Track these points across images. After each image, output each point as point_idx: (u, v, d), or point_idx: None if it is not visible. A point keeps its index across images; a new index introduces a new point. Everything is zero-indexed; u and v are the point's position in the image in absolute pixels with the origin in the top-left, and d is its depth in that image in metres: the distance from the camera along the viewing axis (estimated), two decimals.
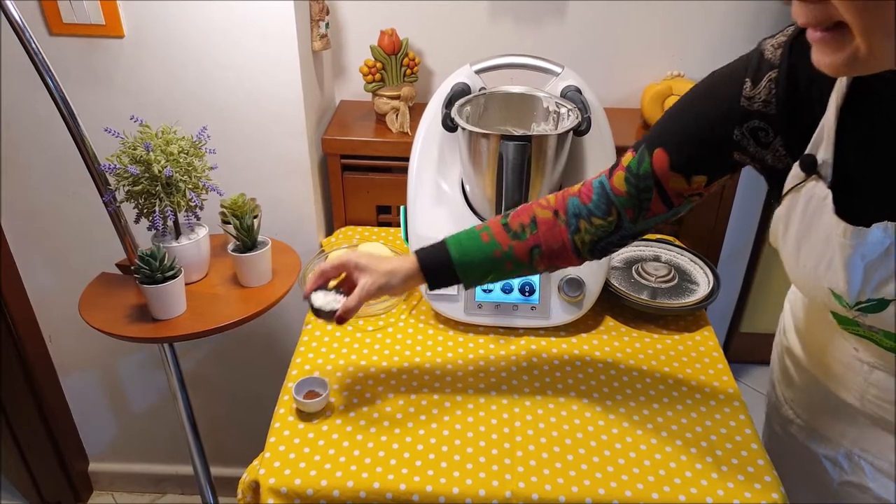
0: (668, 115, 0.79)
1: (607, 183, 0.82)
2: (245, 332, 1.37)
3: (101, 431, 1.76)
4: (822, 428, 0.91)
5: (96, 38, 1.20)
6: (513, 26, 1.45)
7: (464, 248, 0.87)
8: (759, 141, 0.71)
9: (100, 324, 1.07)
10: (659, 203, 0.79)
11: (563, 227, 0.85)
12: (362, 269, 0.89)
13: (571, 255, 0.86)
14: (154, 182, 1.04)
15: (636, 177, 0.78)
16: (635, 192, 0.79)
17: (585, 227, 0.83)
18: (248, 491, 0.91)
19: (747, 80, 0.69)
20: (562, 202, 0.86)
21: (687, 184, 0.77)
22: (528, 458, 0.90)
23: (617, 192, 0.81)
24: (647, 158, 0.78)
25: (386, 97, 1.41)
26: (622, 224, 0.82)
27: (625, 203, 0.80)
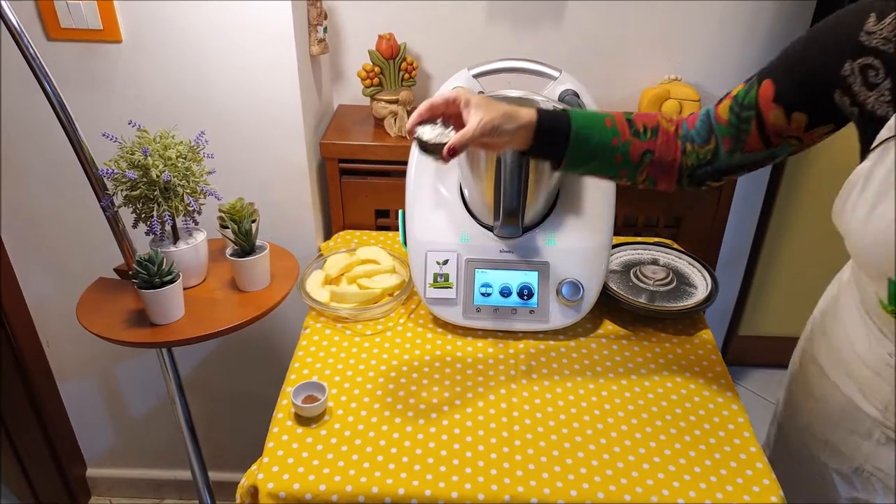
0: (786, 47, 0.78)
1: (713, 111, 0.84)
2: (243, 336, 1.37)
3: (99, 436, 1.76)
4: (837, 441, 0.90)
5: (94, 42, 1.20)
6: (510, 30, 1.45)
7: (586, 123, 0.85)
8: (866, 80, 0.69)
9: (98, 329, 1.07)
10: (757, 138, 0.80)
11: (678, 145, 0.86)
12: (477, 105, 0.82)
13: (674, 175, 0.88)
14: (152, 187, 1.04)
15: (740, 105, 0.80)
16: (736, 122, 0.80)
17: (689, 150, 0.86)
18: (246, 496, 0.91)
19: (872, 15, 0.68)
20: (679, 124, 0.88)
21: (787, 121, 0.77)
22: (527, 462, 0.90)
23: (719, 120, 0.82)
24: (754, 88, 0.78)
25: (384, 101, 1.41)
26: (718, 154, 0.84)
27: (724, 132, 0.82)
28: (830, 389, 0.91)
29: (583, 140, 0.84)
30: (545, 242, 1.14)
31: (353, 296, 1.17)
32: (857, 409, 0.86)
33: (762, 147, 0.80)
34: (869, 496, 0.88)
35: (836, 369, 0.90)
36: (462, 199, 1.17)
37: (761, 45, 1.48)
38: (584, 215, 1.15)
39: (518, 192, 1.02)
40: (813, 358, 0.96)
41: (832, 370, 0.91)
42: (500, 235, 1.13)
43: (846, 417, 0.88)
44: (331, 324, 1.16)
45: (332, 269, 1.24)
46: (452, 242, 1.14)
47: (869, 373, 0.84)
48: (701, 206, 1.44)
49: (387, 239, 1.40)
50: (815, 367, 0.95)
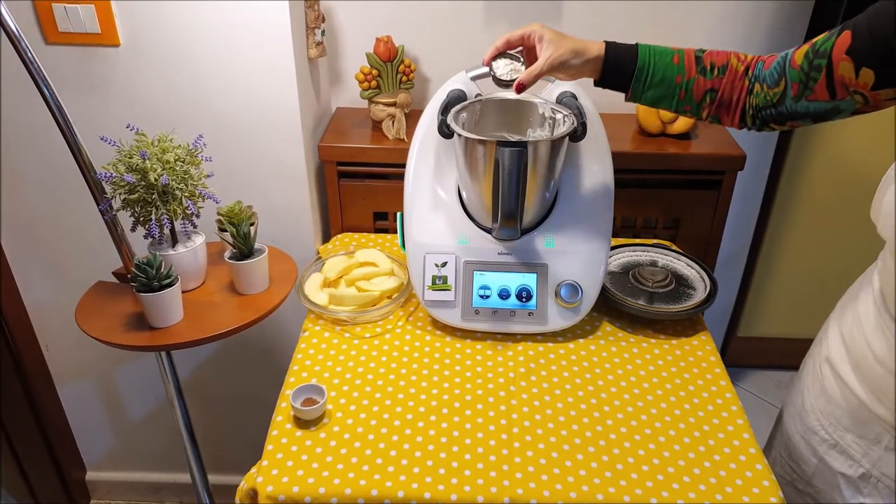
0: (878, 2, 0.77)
1: (790, 55, 0.85)
2: (242, 339, 1.37)
3: (98, 440, 1.75)
4: (846, 445, 0.90)
5: (92, 46, 1.20)
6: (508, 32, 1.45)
7: (652, 59, 0.91)
8: None
9: (97, 332, 1.07)
10: (823, 88, 0.81)
11: (745, 84, 0.89)
12: (549, 42, 0.92)
13: (737, 115, 0.91)
14: (150, 190, 1.04)
15: (815, 53, 0.80)
16: (807, 69, 0.81)
17: (757, 90, 0.88)
18: (245, 499, 0.91)
19: None
20: (754, 63, 0.90)
21: (855, 74, 0.77)
22: (526, 465, 0.90)
23: (793, 64, 0.83)
24: (833, 37, 0.79)
25: (382, 104, 1.41)
26: (785, 98, 0.85)
27: (794, 77, 0.83)
28: (843, 391, 0.90)
29: (647, 76, 0.91)
30: (544, 244, 1.14)
31: (351, 298, 1.17)
32: (869, 412, 0.86)
33: (827, 97, 0.81)
34: (874, 501, 0.87)
35: (850, 370, 0.90)
36: (460, 201, 1.17)
37: (761, 45, 1.48)
38: (582, 217, 1.15)
39: (516, 194, 1.02)
40: (828, 358, 0.95)
41: (846, 371, 0.90)
42: (499, 237, 1.13)
43: (857, 421, 0.88)
44: (329, 326, 1.16)
45: (331, 271, 1.24)
46: (451, 245, 1.14)
47: (884, 372, 0.83)
48: (699, 207, 1.44)
49: (385, 241, 1.40)
50: (829, 368, 0.94)
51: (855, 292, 0.95)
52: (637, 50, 0.92)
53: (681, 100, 0.92)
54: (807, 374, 1.01)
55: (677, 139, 1.44)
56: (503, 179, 1.01)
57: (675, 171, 1.41)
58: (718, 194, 1.42)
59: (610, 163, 1.16)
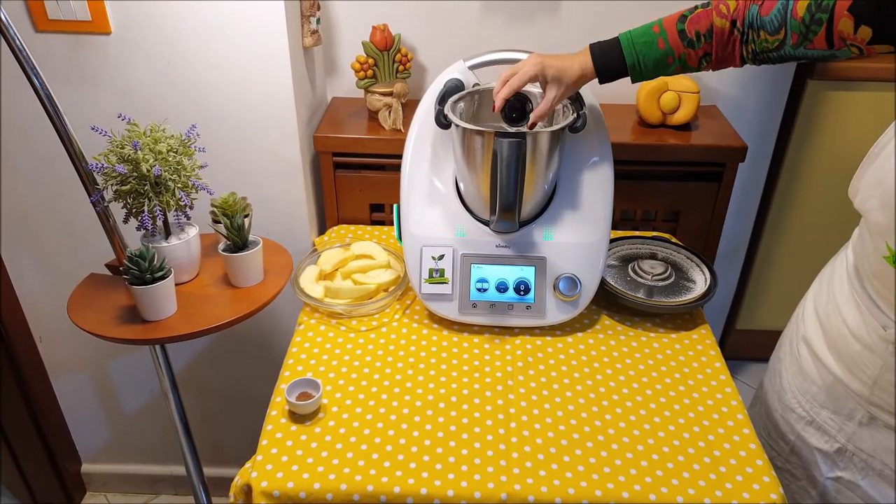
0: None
1: (791, 4, 0.86)
2: (237, 332, 1.36)
3: (93, 432, 1.75)
4: (822, 421, 0.93)
5: (83, 34, 1.18)
6: (506, 21, 1.44)
7: (639, 53, 0.95)
8: None
9: (89, 325, 1.05)
10: (822, 40, 0.83)
11: (736, 37, 0.91)
12: (552, 80, 0.98)
13: (737, 61, 0.94)
14: (142, 181, 1.02)
15: (818, 7, 0.82)
16: (808, 21, 0.83)
17: (753, 37, 0.90)
18: (240, 494, 0.90)
19: None
20: (741, 11, 0.90)
21: (853, 30, 0.80)
22: (524, 460, 0.89)
23: (794, 14, 0.85)
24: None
25: (378, 94, 1.39)
26: (784, 45, 0.87)
27: (795, 27, 0.85)
28: (819, 368, 0.94)
29: (640, 67, 0.96)
30: (542, 237, 1.12)
31: (347, 291, 1.16)
32: (844, 388, 0.89)
33: (825, 47, 0.84)
34: (851, 476, 0.90)
35: (826, 347, 0.93)
36: (458, 193, 1.15)
37: None
38: (581, 209, 1.13)
39: (514, 186, 1.01)
40: (803, 337, 0.99)
41: (822, 349, 0.94)
42: (497, 230, 1.12)
43: (832, 397, 0.91)
44: (325, 320, 1.15)
45: (327, 264, 1.22)
46: (448, 237, 1.13)
47: (859, 347, 0.86)
48: (700, 200, 1.43)
49: (381, 233, 1.39)
50: (805, 347, 0.97)
51: (830, 270, 0.99)
52: (621, 48, 0.96)
53: (679, 70, 0.97)
54: (784, 354, 1.04)
55: (677, 130, 1.42)
56: (501, 171, 1.00)
57: (676, 163, 1.40)
58: (719, 186, 1.41)
59: (609, 154, 1.14)
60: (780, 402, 1.01)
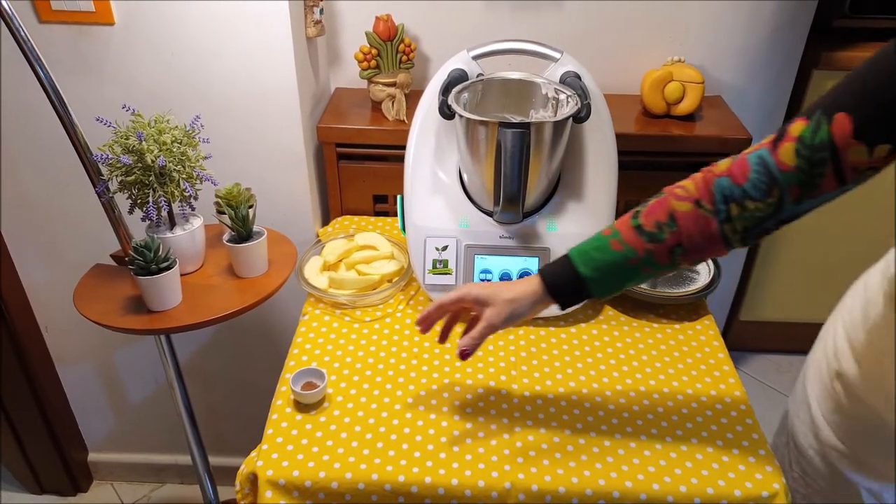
0: (854, 76, 0.68)
1: (770, 157, 0.71)
2: (241, 322, 1.37)
3: (99, 421, 1.76)
4: (870, 458, 0.85)
5: (86, 25, 1.18)
6: (510, 11, 1.43)
7: (593, 262, 0.80)
8: None
9: (95, 315, 1.06)
10: (831, 179, 0.69)
11: (707, 219, 0.74)
12: (483, 302, 0.85)
13: (720, 247, 0.76)
14: (147, 172, 1.03)
15: (810, 148, 0.68)
16: (807, 167, 0.69)
17: (739, 212, 0.73)
18: (246, 483, 0.91)
19: None
20: (704, 188, 0.75)
21: (868, 154, 0.67)
22: (527, 449, 0.90)
23: (783, 167, 0.70)
24: (824, 126, 0.67)
25: (382, 84, 1.39)
26: (783, 206, 0.72)
27: (791, 180, 0.70)
28: (864, 411, 0.85)
29: (599, 280, 0.80)
30: (546, 228, 1.12)
31: (351, 282, 1.16)
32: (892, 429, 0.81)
33: (835, 187, 0.70)
34: None
35: (873, 394, 0.83)
36: (461, 184, 1.15)
37: (766, 26, 1.46)
38: (585, 200, 1.13)
39: (518, 176, 1.01)
40: (839, 374, 0.88)
41: (869, 394, 0.84)
42: (500, 221, 1.12)
43: (881, 437, 0.83)
44: (329, 310, 1.16)
45: (331, 255, 1.22)
46: (452, 228, 1.13)
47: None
48: None
49: (385, 224, 1.39)
50: (842, 385, 0.88)
51: (862, 298, 0.87)
52: (572, 263, 0.80)
53: (649, 273, 0.80)
54: (813, 387, 0.94)
55: (682, 120, 1.42)
56: (505, 161, 1.00)
57: (680, 154, 1.39)
58: None
59: (614, 144, 1.14)
60: (815, 439, 0.91)
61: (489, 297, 0.84)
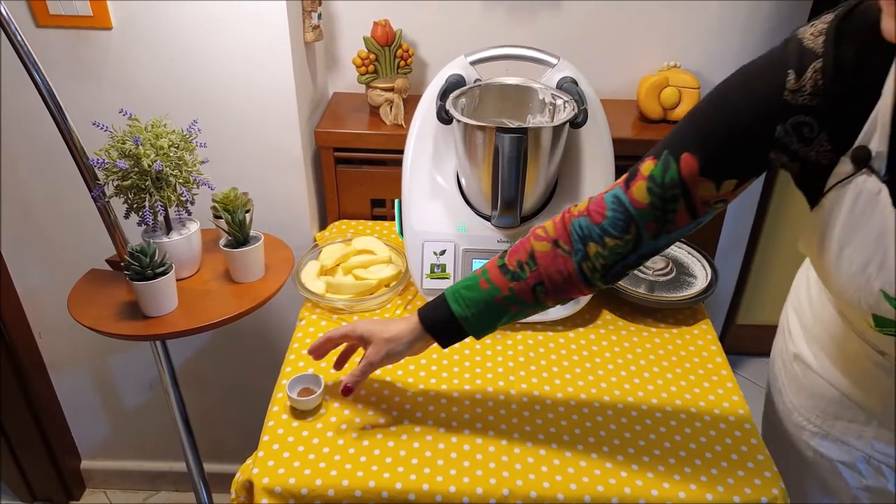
0: (694, 116, 0.73)
1: (625, 196, 0.74)
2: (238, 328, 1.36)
3: (93, 428, 1.75)
4: (840, 433, 0.88)
5: (84, 29, 1.18)
6: (507, 16, 1.43)
7: (465, 301, 0.83)
8: (802, 137, 0.66)
9: (89, 321, 1.05)
10: (684, 214, 0.73)
11: (565, 259, 0.78)
12: (366, 340, 0.90)
13: (580, 286, 0.80)
14: (144, 177, 1.02)
15: (661, 186, 0.72)
16: (660, 204, 0.72)
17: (597, 250, 0.76)
18: (241, 490, 0.90)
19: (791, 72, 0.64)
20: (562, 228, 0.79)
21: (716, 189, 0.71)
22: (525, 455, 0.89)
23: (637, 204, 0.73)
24: (672, 165, 0.71)
25: (380, 89, 1.39)
26: (641, 241, 0.75)
27: (646, 217, 0.73)
28: (823, 386, 0.90)
29: (471, 319, 0.83)
30: None
31: (348, 287, 1.16)
32: (855, 405, 0.85)
33: (689, 221, 0.74)
34: (880, 483, 0.87)
35: (826, 367, 0.89)
36: (459, 188, 1.15)
37: (762, 32, 1.46)
38: None
39: (516, 181, 1.01)
40: (797, 356, 0.95)
41: (820, 366, 0.90)
42: (498, 225, 1.11)
43: (844, 408, 0.87)
44: (326, 315, 1.15)
45: (328, 259, 1.22)
46: (449, 232, 1.12)
47: (860, 373, 0.83)
48: None
49: (383, 229, 1.39)
50: (801, 366, 0.94)
51: (804, 287, 0.94)
52: (447, 302, 0.84)
53: (517, 312, 0.83)
54: (779, 373, 1.00)
55: None
56: (503, 166, 1.00)
57: None
58: None
59: (611, 149, 1.14)
60: (789, 421, 0.96)
61: (371, 335, 0.89)
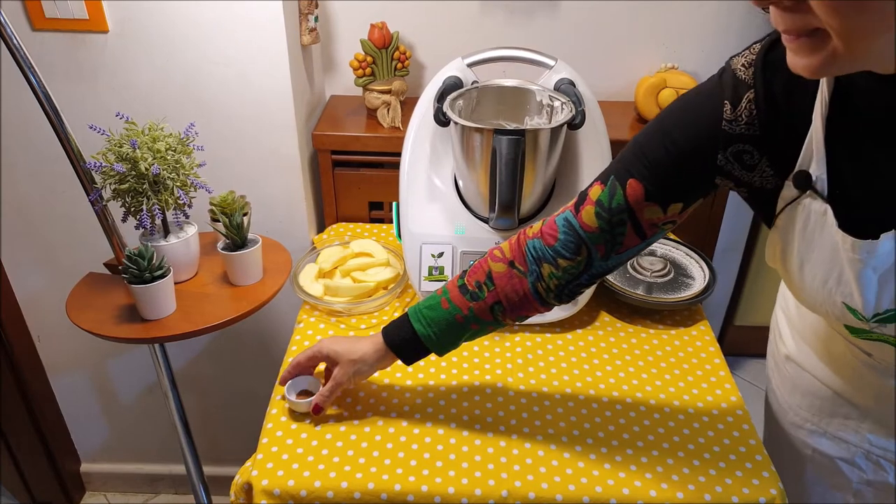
0: (638, 144, 0.74)
1: (575, 220, 0.77)
2: (236, 331, 1.36)
3: (92, 431, 1.74)
4: (836, 430, 0.89)
5: (80, 33, 1.18)
6: (505, 18, 1.43)
7: (427, 320, 0.86)
8: (744, 164, 0.68)
9: (88, 325, 1.05)
10: (633, 236, 0.75)
11: (521, 279, 0.81)
12: (333, 360, 0.93)
13: (536, 305, 0.83)
14: (141, 180, 1.02)
15: (609, 211, 0.74)
16: (608, 227, 0.75)
17: (550, 271, 0.79)
18: (240, 493, 0.90)
19: (726, 104, 0.66)
20: (517, 250, 0.82)
21: (663, 212, 0.73)
22: (524, 457, 0.89)
23: (587, 228, 0.76)
24: (619, 191, 0.73)
25: (377, 91, 1.39)
26: (592, 262, 0.77)
27: (596, 239, 0.76)
28: (815, 385, 0.90)
29: (433, 338, 0.86)
30: None
31: (346, 289, 1.16)
32: (849, 402, 0.86)
33: (638, 241, 0.76)
34: (881, 478, 0.87)
35: (816, 367, 0.90)
36: (457, 190, 1.15)
37: (759, 32, 1.47)
38: None
39: (514, 183, 1.01)
40: (788, 357, 0.96)
41: (811, 365, 0.91)
42: (496, 227, 1.11)
43: (838, 406, 0.88)
44: (325, 318, 1.15)
45: (326, 262, 1.22)
46: (447, 235, 1.13)
47: (850, 372, 0.84)
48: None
49: (381, 231, 1.39)
50: (793, 366, 0.94)
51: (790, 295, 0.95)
52: (409, 321, 0.87)
53: (478, 329, 0.86)
54: (772, 374, 1.01)
55: None
56: (500, 168, 1.00)
57: None
58: None
59: (608, 151, 1.14)
60: (786, 421, 0.97)
61: (337, 355, 0.92)
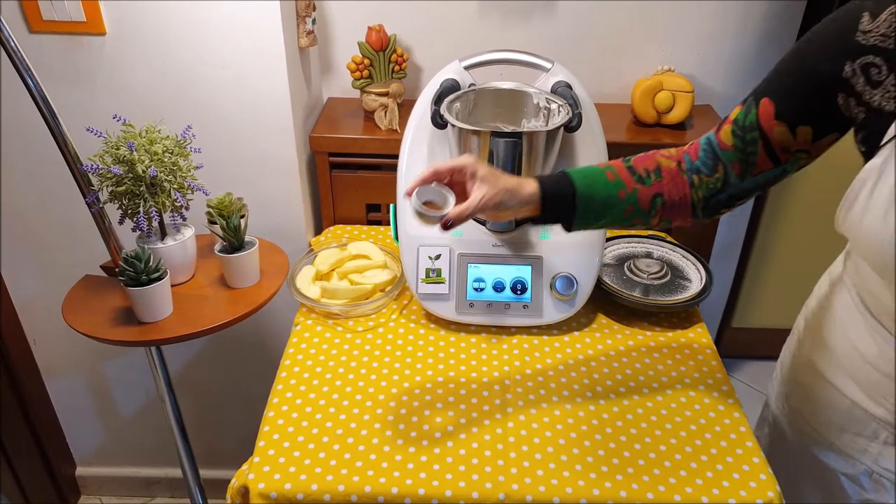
0: (777, 65, 0.77)
1: (714, 138, 0.81)
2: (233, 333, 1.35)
3: (88, 435, 1.74)
4: (843, 444, 0.89)
5: (77, 35, 1.18)
6: (502, 21, 1.44)
7: (588, 182, 0.83)
8: (870, 79, 0.68)
9: (84, 327, 1.05)
10: (765, 158, 0.78)
11: (685, 179, 0.83)
12: (482, 179, 0.81)
13: (688, 211, 0.85)
14: (138, 182, 1.02)
15: (742, 128, 0.78)
16: (741, 146, 0.78)
17: (697, 181, 0.83)
18: (237, 496, 0.90)
19: (865, 14, 0.67)
20: (681, 155, 0.85)
21: (792, 136, 0.75)
22: (521, 459, 0.89)
23: (723, 146, 0.80)
24: (753, 109, 0.77)
25: (374, 94, 1.39)
26: (729, 181, 0.81)
27: (731, 157, 0.80)
28: (832, 394, 0.90)
29: (589, 200, 0.82)
30: (538, 236, 1.12)
31: (344, 291, 1.16)
32: (864, 412, 0.86)
33: (772, 165, 0.79)
34: (882, 498, 0.87)
35: (837, 373, 0.89)
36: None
37: (755, 36, 1.47)
38: None
39: None
40: (809, 362, 0.95)
41: (833, 374, 0.90)
42: (493, 229, 1.12)
43: (852, 420, 0.87)
44: (322, 320, 1.15)
45: (323, 264, 1.22)
46: (445, 237, 1.13)
47: (879, 376, 0.83)
48: None
49: (378, 233, 1.39)
50: (812, 371, 0.94)
51: (825, 293, 0.95)
52: (571, 178, 0.83)
53: (629, 214, 0.84)
54: (786, 380, 1.01)
55: (672, 129, 1.43)
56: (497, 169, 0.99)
57: None
58: None
59: (605, 153, 1.14)
60: (791, 428, 0.97)
61: (488, 177, 0.81)
